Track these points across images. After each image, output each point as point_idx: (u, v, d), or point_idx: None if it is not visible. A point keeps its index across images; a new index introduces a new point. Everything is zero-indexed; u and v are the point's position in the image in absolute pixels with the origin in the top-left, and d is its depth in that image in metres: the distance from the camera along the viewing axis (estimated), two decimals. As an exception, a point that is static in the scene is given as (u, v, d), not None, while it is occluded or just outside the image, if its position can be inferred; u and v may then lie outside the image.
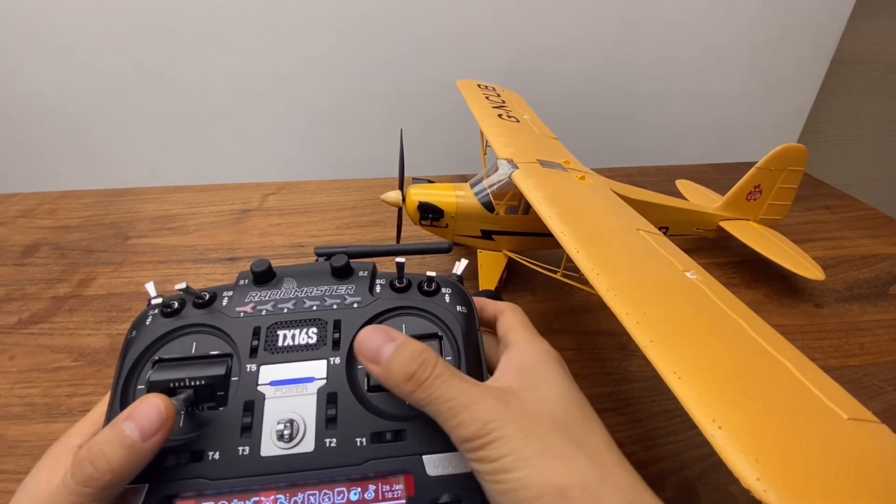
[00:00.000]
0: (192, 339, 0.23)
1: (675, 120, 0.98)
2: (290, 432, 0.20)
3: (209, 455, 0.20)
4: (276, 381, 0.22)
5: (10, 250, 0.58)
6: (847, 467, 0.19)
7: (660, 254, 0.34)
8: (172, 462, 0.20)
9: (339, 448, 0.20)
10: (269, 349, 0.22)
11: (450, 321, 0.24)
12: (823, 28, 0.93)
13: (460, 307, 0.25)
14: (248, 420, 0.21)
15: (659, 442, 0.37)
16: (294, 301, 0.24)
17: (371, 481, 0.20)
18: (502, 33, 0.84)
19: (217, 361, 0.22)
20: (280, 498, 0.19)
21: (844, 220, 0.70)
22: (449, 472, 0.20)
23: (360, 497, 0.20)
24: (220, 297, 0.24)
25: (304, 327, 0.23)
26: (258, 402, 0.21)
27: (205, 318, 0.23)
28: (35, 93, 0.81)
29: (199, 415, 0.21)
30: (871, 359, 0.46)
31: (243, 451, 0.20)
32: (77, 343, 0.45)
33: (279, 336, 0.23)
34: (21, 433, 0.37)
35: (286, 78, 0.84)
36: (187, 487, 0.19)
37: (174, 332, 0.23)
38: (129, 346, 0.23)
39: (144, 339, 0.23)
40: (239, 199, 0.70)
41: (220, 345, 0.23)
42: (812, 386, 0.23)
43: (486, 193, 0.47)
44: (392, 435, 0.21)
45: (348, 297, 0.24)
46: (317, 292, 0.24)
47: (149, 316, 0.23)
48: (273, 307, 0.24)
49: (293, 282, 0.25)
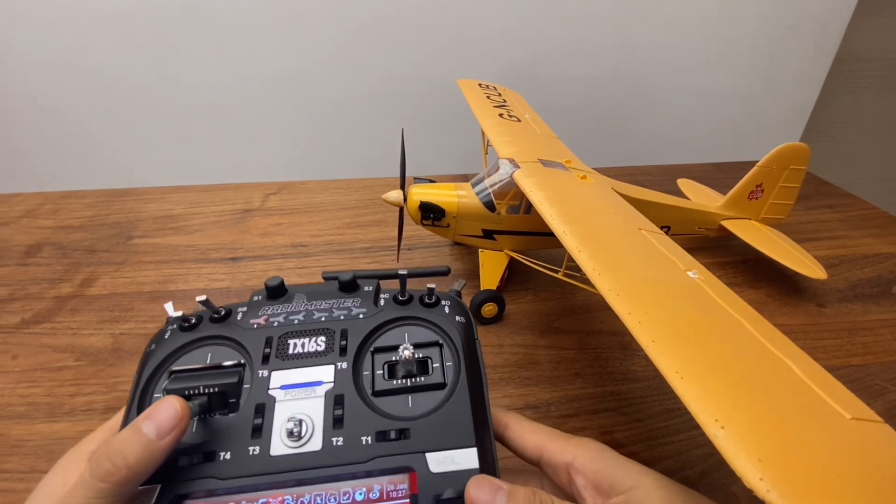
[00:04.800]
0: (208, 350, 0.24)
1: (677, 119, 0.98)
2: (299, 430, 0.21)
3: (220, 455, 0.21)
4: (286, 384, 0.23)
5: (12, 250, 0.58)
6: (850, 467, 0.19)
7: (661, 253, 0.34)
8: (185, 463, 0.20)
9: (346, 446, 0.21)
10: (280, 356, 0.24)
11: (449, 330, 0.25)
12: (826, 26, 0.92)
13: (459, 317, 0.26)
14: (259, 421, 0.22)
15: (661, 441, 0.37)
16: (304, 313, 0.25)
17: (376, 480, 0.20)
18: (503, 32, 0.84)
19: (230, 370, 0.23)
20: (287, 499, 0.20)
21: (847, 219, 0.69)
22: (452, 469, 0.20)
23: (366, 497, 0.20)
24: (235, 312, 0.25)
25: (314, 336, 0.24)
26: (269, 404, 0.22)
27: (220, 331, 0.25)
28: (37, 93, 0.81)
29: (212, 420, 0.22)
30: (873, 358, 0.46)
31: (253, 451, 0.21)
32: (80, 343, 0.45)
33: (290, 344, 0.24)
34: (24, 432, 0.37)
35: (288, 78, 0.84)
36: (199, 487, 0.20)
37: (191, 345, 0.24)
38: (147, 359, 0.24)
39: (162, 351, 0.24)
40: (241, 199, 0.70)
41: (233, 355, 0.24)
42: (815, 386, 0.23)
43: (488, 193, 0.47)
44: (396, 433, 0.21)
45: (354, 308, 0.26)
46: (325, 305, 0.26)
47: (167, 331, 0.25)
48: (285, 319, 0.25)
49: (303, 297, 0.26)
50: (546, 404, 0.40)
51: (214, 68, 0.82)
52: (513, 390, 0.41)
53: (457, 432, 0.21)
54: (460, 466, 0.20)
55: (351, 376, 0.23)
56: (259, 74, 0.83)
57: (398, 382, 0.23)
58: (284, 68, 0.83)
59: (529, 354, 0.45)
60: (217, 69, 0.82)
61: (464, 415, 0.22)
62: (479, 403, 0.23)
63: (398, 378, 0.24)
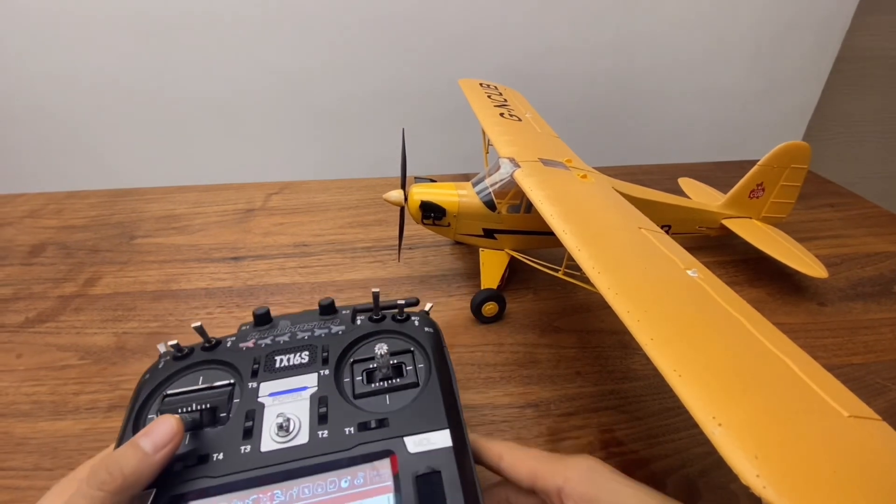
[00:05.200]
0: (200, 374, 0.26)
1: (678, 118, 0.98)
2: (287, 425, 0.23)
3: (213, 457, 0.22)
4: (274, 392, 0.25)
5: (17, 250, 0.59)
6: (847, 464, 0.19)
7: (662, 252, 0.34)
8: (179, 468, 0.22)
9: (331, 437, 0.23)
10: (268, 370, 0.26)
11: (420, 338, 0.28)
12: (828, 25, 0.92)
13: (427, 328, 0.29)
14: (250, 424, 0.23)
15: (661, 440, 0.37)
16: (289, 335, 0.28)
17: (360, 468, 0.22)
18: (504, 32, 0.84)
19: (221, 389, 0.25)
20: (277, 493, 0.21)
21: (848, 217, 0.69)
22: (428, 448, 0.22)
23: (351, 483, 0.21)
24: (224, 340, 0.28)
25: (298, 351, 0.27)
26: (258, 410, 0.24)
27: (211, 356, 0.27)
28: (40, 94, 0.81)
29: (204, 433, 0.23)
30: (874, 357, 0.46)
31: (245, 450, 0.22)
32: (83, 342, 0.45)
33: (276, 360, 0.27)
34: (28, 430, 0.37)
35: (290, 78, 0.85)
36: (192, 487, 0.21)
37: (183, 371, 0.26)
38: (142, 386, 0.26)
39: (156, 378, 0.26)
40: (243, 199, 0.70)
41: (224, 376, 0.26)
42: (813, 383, 0.23)
43: (488, 192, 0.47)
44: (376, 423, 0.23)
45: (334, 327, 0.29)
46: (307, 326, 0.29)
47: (161, 361, 0.27)
48: (271, 341, 0.28)
49: (288, 322, 0.29)
50: (546, 402, 0.40)
51: (217, 69, 0.82)
52: (513, 389, 0.41)
53: (430, 417, 0.24)
54: (436, 446, 0.22)
55: (333, 381, 0.25)
56: (261, 75, 0.84)
57: (376, 385, 0.26)
58: (286, 68, 0.84)
59: (530, 353, 0.45)
60: (219, 70, 0.83)
61: (436, 403, 0.24)
62: (449, 394, 0.25)
63: (376, 381, 0.26)
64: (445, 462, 0.22)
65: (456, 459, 0.22)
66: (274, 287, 0.53)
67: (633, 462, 0.36)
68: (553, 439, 0.37)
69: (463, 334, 0.47)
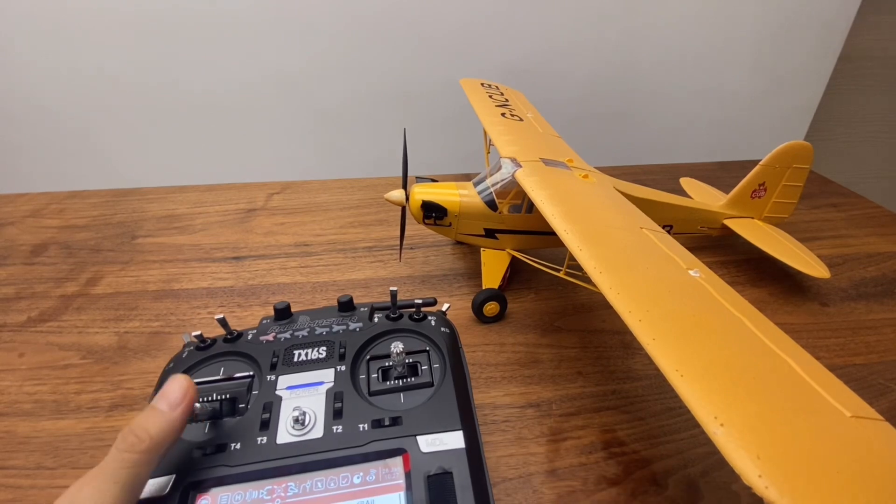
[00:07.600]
0: (221, 365, 0.27)
1: (680, 117, 0.98)
2: (303, 418, 0.23)
3: (231, 446, 0.23)
4: (291, 385, 0.26)
5: (19, 250, 0.59)
6: (849, 465, 0.19)
7: (663, 252, 0.34)
8: (198, 455, 0.22)
9: (345, 433, 0.23)
10: (286, 363, 0.27)
11: (436, 339, 0.29)
12: (830, 24, 0.92)
13: (444, 328, 0.30)
14: (267, 416, 0.24)
15: (662, 440, 0.37)
16: (308, 329, 0.29)
17: (372, 465, 0.22)
18: (505, 32, 0.84)
19: (241, 380, 0.26)
20: (290, 485, 0.21)
21: (851, 217, 0.69)
22: (441, 448, 0.22)
23: (363, 480, 0.22)
24: (245, 333, 0.29)
25: (316, 346, 0.28)
26: (276, 402, 0.25)
27: (232, 348, 0.28)
28: (41, 93, 0.82)
29: (223, 423, 0.24)
30: (876, 357, 0.45)
31: (261, 441, 0.23)
32: (85, 341, 0.45)
33: (295, 354, 0.27)
34: (30, 429, 0.37)
35: (290, 78, 0.85)
36: (210, 474, 0.22)
37: (205, 361, 0.27)
38: (166, 374, 0.26)
39: (179, 366, 0.27)
40: (244, 199, 0.70)
41: (244, 367, 0.27)
42: (815, 384, 0.23)
43: (490, 192, 0.47)
44: (390, 421, 0.24)
45: (352, 324, 0.29)
46: (326, 322, 0.29)
47: (185, 351, 0.28)
48: (291, 335, 0.29)
49: (307, 317, 0.30)
50: (548, 403, 0.40)
51: (217, 69, 0.83)
52: (515, 389, 0.41)
53: (444, 418, 0.24)
54: (448, 446, 0.23)
55: (349, 377, 0.26)
56: (262, 74, 0.84)
57: (391, 383, 0.26)
58: (287, 68, 0.84)
59: (531, 353, 0.45)
60: (220, 69, 0.83)
61: (450, 404, 0.25)
62: (464, 395, 0.26)
63: (391, 380, 0.26)
64: (457, 463, 0.22)
65: (468, 461, 0.22)
66: (275, 287, 0.53)
67: (634, 462, 0.36)
68: (554, 439, 0.37)
69: (464, 334, 0.47)
